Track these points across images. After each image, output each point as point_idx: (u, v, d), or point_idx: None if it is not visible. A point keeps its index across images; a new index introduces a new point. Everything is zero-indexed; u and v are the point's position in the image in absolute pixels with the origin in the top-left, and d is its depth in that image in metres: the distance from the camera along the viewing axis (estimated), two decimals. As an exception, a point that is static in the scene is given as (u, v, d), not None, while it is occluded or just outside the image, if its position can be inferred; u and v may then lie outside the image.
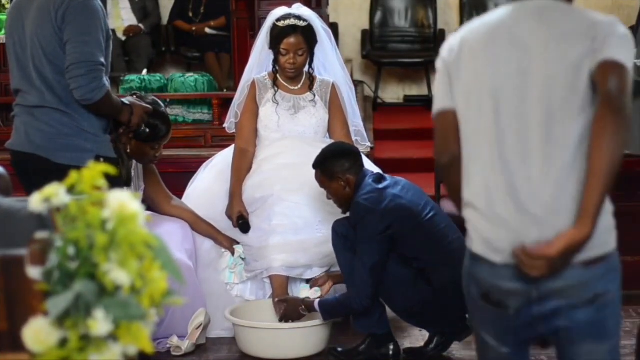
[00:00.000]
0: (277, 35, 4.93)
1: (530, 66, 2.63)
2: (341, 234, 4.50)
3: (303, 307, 4.57)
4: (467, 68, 2.72)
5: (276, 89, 5.04)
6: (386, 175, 4.58)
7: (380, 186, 4.42)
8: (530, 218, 2.60)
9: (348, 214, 4.52)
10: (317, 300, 4.52)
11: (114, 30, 8.50)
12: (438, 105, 2.76)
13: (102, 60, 4.11)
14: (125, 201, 2.18)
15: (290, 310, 4.62)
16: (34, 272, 2.17)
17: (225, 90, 7.99)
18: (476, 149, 2.69)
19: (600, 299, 2.67)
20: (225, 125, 5.21)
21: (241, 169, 4.98)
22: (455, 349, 4.63)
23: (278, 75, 5.05)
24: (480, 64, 2.70)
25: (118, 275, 2.14)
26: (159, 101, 4.82)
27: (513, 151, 2.63)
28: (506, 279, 2.62)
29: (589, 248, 2.59)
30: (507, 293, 2.62)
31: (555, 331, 2.67)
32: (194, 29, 9.01)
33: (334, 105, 5.07)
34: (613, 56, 2.59)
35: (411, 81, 9.37)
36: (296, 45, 4.93)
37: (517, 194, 2.61)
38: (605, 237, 2.66)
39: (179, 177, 5.42)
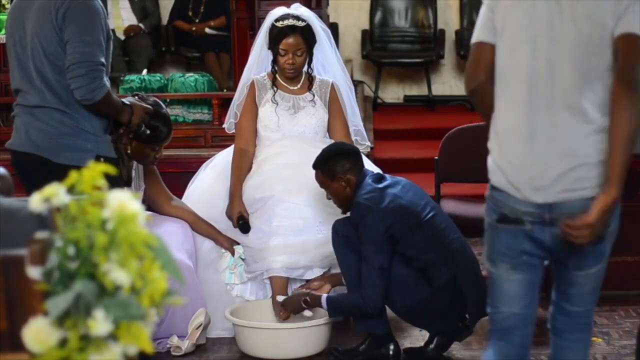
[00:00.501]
0: (276, 36, 4.93)
1: (561, 21, 2.94)
2: (342, 234, 4.50)
3: (308, 299, 4.53)
4: (506, 14, 3.01)
5: (275, 89, 5.04)
6: (386, 175, 4.58)
7: (381, 186, 4.42)
8: (548, 161, 2.95)
9: (348, 214, 4.52)
10: (325, 296, 4.50)
11: (113, 30, 8.50)
12: (477, 36, 3.07)
13: (103, 60, 4.12)
14: (125, 201, 2.18)
15: (291, 302, 4.60)
16: (34, 272, 2.17)
17: (225, 90, 7.99)
18: (509, 90, 3.00)
19: (606, 233, 2.98)
20: (224, 125, 5.21)
21: (241, 168, 4.98)
22: (455, 349, 4.63)
23: (277, 76, 5.05)
24: (518, 13, 2.99)
25: (118, 275, 2.14)
26: (161, 103, 4.82)
27: (542, 97, 2.95)
28: (522, 205, 2.99)
29: (598, 185, 2.94)
30: (524, 214, 2.99)
31: (564, 257, 3.03)
32: (194, 29, 9.02)
33: (334, 105, 5.07)
34: (632, 29, 2.91)
35: (411, 81, 9.37)
36: (295, 46, 4.92)
37: (540, 138, 2.95)
38: None
39: (179, 177, 5.41)
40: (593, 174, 2.96)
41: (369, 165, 4.95)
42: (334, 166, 4.47)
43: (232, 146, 5.10)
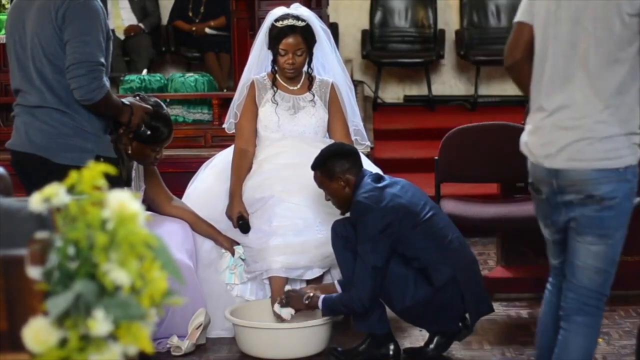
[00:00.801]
0: (276, 36, 4.93)
1: (585, 5, 3.25)
2: (341, 235, 4.50)
3: (309, 299, 4.52)
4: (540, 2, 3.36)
5: (275, 89, 5.03)
6: (385, 175, 4.58)
7: (380, 185, 4.43)
8: (558, 132, 3.30)
9: (347, 215, 4.52)
10: (322, 296, 4.49)
11: (113, 30, 8.49)
12: (518, 16, 3.42)
13: (102, 60, 4.12)
14: (125, 201, 2.18)
15: (295, 295, 4.59)
16: (34, 272, 2.17)
17: (225, 90, 7.98)
18: (537, 68, 3.36)
19: (606, 201, 3.27)
20: (224, 125, 5.21)
21: (241, 168, 4.98)
22: (455, 349, 4.63)
23: (277, 76, 5.05)
24: (555, 4, 3.32)
25: (118, 275, 2.14)
26: (162, 103, 4.81)
27: (563, 76, 3.28)
28: (537, 170, 3.38)
29: (604, 159, 3.25)
30: (540, 180, 3.39)
31: (569, 220, 3.35)
32: (194, 29, 9.01)
33: (334, 105, 5.07)
34: None
35: (411, 81, 9.37)
36: (295, 46, 4.92)
37: (557, 112, 3.29)
38: (622, 153, 3.27)
39: (179, 177, 5.41)
40: (595, 148, 3.26)
41: (369, 165, 4.95)
42: (333, 166, 4.47)
43: (232, 146, 5.10)
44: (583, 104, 3.27)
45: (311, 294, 4.53)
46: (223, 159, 5.16)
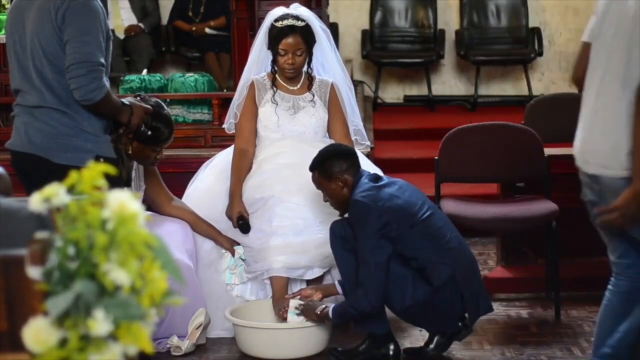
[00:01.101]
0: (276, 36, 4.93)
1: (626, 22, 3.42)
2: (339, 235, 4.50)
3: (319, 313, 4.51)
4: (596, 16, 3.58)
5: (275, 89, 5.04)
6: (383, 175, 4.58)
7: (377, 184, 4.42)
8: (591, 139, 3.51)
9: (346, 215, 4.52)
10: (332, 306, 4.48)
11: (113, 30, 8.49)
12: (584, 35, 3.66)
13: (102, 60, 4.12)
14: (125, 201, 2.18)
15: (308, 308, 4.58)
16: (34, 272, 2.17)
17: (225, 90, 7.98)
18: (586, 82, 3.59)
19: None
20: (224, 125, 5.21)
21: (241, 169, 4.98)
22: (455, 349, 4.63)
23: (277, 76, 5.05)
24: (600, 15, 3.53)
25: (118, 275, 2.14)
26: (162, 104, 4.81)
27: (595, 88, 3.50)
28: (581, 174, 3.57)
29: (622, 168, 3.40)
30: (583, 183, 3.58)
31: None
32: (194, 29, 9.01)
33: (334, 105, 5.07)
34: None
35: (411, 81, 9.37)
36: (294, 46, 4.92)
37: (592, 120, 3.51)
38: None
39: (179, 177, 5.41)
40: (622, 156, 3.38)
41: (369, 165, 4.95)
42: (331, 167, 4.47)
43: (232, 146, 5.10)
44: (611, 114, 3.43)
45: (323, 306, 4.51)
46: (223, 159, 5.16)
